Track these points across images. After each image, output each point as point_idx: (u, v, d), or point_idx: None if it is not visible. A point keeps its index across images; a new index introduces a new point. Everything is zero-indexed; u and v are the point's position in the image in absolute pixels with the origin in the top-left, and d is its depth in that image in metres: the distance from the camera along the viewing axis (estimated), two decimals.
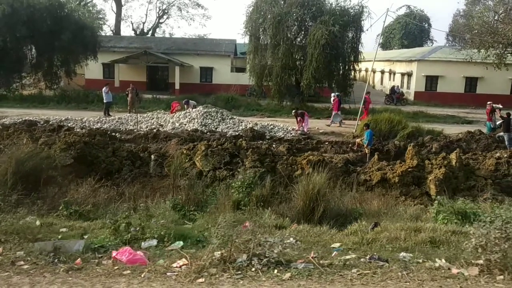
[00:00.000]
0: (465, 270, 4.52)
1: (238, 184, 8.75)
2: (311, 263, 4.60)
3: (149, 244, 5.44)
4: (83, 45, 30.39)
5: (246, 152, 13.55)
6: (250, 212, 7.97)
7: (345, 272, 4.47)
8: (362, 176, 13.55)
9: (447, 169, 13.35)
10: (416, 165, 13.67)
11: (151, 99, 30.48)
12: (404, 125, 21.20)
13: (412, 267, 4.68)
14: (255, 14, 29.17)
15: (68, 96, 29.37)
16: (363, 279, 4.27)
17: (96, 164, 13.23)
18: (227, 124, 21.95)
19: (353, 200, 9.98)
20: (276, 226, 7.04)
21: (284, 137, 21.13)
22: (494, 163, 14.71)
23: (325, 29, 25.63)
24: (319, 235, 6.43)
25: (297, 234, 6.45)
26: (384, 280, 4.26)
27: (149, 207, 8.48)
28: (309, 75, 26.47)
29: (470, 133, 20.55)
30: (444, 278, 4.32)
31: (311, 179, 8.57)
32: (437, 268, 4.62)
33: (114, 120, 22.34)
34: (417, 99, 39.36)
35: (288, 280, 4.13)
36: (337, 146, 20.03)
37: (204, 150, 13.34)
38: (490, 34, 30.29)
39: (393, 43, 65.05)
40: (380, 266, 4.67)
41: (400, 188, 13.10)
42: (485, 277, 4.35)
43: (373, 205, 9.50)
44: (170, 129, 21.25)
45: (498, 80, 37.48)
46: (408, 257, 5.05)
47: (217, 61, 40.25)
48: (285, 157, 13.86)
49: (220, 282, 4.05)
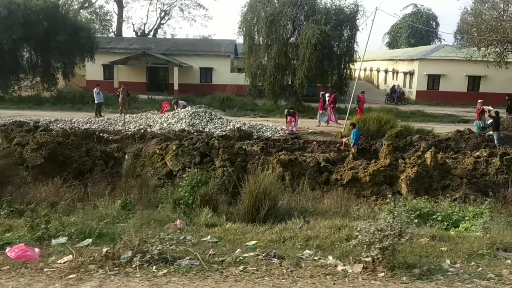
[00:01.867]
0: (350, 267, 4.43)
1: (185, 183, 8.72)
2: (198, 260, 4.55)
3: (59, 242, 5.44)
4: (79, 46, 30.70)
5: (217, 152, 13.52)
6: (192, 210, 7.96)
7: (230, 269, 4.42)
8: (333, 175, 13.41)
9: (420, 168, 13.17)
10: (389, 164, 13.51)
11: (147, 100, 30.60)
12: (393, 124, 20.97)
13: (303, 264, 4.60)
14: (249, 14, 29.19)
15: (64, 97, 29.66)
16: (241, 276, 4.21)
17: (68, 164, 13.31)
18: (215, 124, 21.96)
19: (307, 199, 9.85)
20: (208, 224, 6.99)
21: (271, 137, 21.06)
22: (473, 162, 14.48)
23: (317, 29, 25.50)
24: (244, 234, 6.38)
25: (223, 232, 6.40)
26: (262, 277, 4.20)
27: (97, 205, 8.49)
28: (302, 75, 26.38)
29: (460, 132, 20.26)
30: (324, 275, 4.25)
31: (258, 178, 8.50)
32: (326, 265, 4.54)
33: (103, 120, 22.50)
34: (419, 98, 38.97)
35: (161, 276, 4.10)
36: (324, 146, 19.91)
37: (175, 150, 13.35)
38: (490, 31, 29.86)
39: (399, 42, 64.41)
40: (270, 263, 4.60)
41: (371, 187, 12.96)
42: (366, 274, 4.26)
43: (325, 204, 9.39)
44: (157, 129, 21.32)
45: (501, 79, 36.90)
46: (307, 254, 4.97)
47: (217, 62, 40.33)
48: (257, 157, 13.79)
49: (89, 278, 4.03)
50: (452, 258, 5.14)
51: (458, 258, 5.16)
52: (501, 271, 4.55)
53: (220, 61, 40.34)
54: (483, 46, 30.37)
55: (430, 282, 4.19)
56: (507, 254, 5.26)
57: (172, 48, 41.08)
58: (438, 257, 5.21)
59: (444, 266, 4.79)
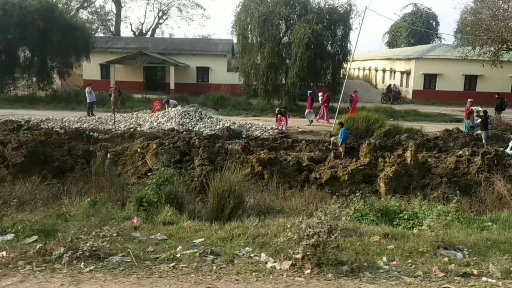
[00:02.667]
0: (279, 264, 4.46)
1: (152, 181, 8.76)
2: (130, 257, 4.60)
3: (5, 238, 5.49)
4: (74, 46, 30.84)
5: (198, 151, 13.57)
6: (156, 209, 8.01)
7: (160, 266, 4.48)
8: (312, 174, 13.43)
9: (400, 167, 13.18)
10: (368, 162, 13.52)
11: (141, 99, 30.70)
12: (381, 123, 20.95)
13: (236, 261, 4.64)
14: (242, 14, 29.22)
15: (59, 96, 29.82)
16: (167, 273, 4.27)
17: (49, 163, 13.38)
18: (205, 123, 22.02)
19: (278, 198, 9.88)
20: (166, 222, 7.04)
21: (260, 136, 21.10)
22: (455, 161, 14.46)
23: (309, 28, 25.50)
24: (198, 231, 6.42)
25: (177, 230, 6.45)
26: (188, 274, 4.25)
27: (66, 204, 8.54)
28: (294, 74, 26.39)
29: (448, 131, 20.24)
30: (251, 272, 4.29)
31: (224, 177, 8.54)
32: (257, 262, 4.58)
33: (94, 119, 22.61)
34: (415, 97, 38.92)
35: (86, 273, 4.15)
36: (312, 145, 19.94)
37: (155, 149, 13.41)
38: (484, 31, 29.74)
39: (399, 41, 64.25)
40: (203, 260, 4.65)
41: (349, 186, 12.97)
42: (293, 271, 4.30)
43: (293, 203, 9.42)
44: (147, 128, 21.40)
45: (498, 78, 36.82)
46: (244, 251, 5.01)
47: (213, 61, 40.43)
48: (237, 156, 13.83)
49: (13, 274, 4.09)
50: (393, 255, 5.17)
51: (399, 255, 5.19)
52: (432, 268, 4.57)
53: (217, 61, 40.43)
54: (478, 45, 30.27)
55: (355, 279, 4.22)
56: (446, 251, 5.27)
57: (169, 48, 41.20)
58: (380, 254, 5.23)
59: (380, 263, 4.82)
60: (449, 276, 4.43)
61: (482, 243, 5.81)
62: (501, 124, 20.98)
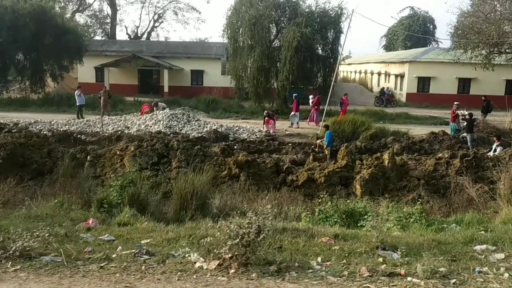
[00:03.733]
0: (207, 263, 4.50)
1: (116, 183, 8.81)
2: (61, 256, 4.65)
3: None
4: (66, 49, 30.95)
5: (176, 153, 13.63)
6: (117, 210, 8.06)
7: (90, 266, 4.53)
8: (289, 176, 13.47)
9: (376, 170, 13.22)
10: (345, 165, 13.56)
11: (133, 102, 30.79)
12: (368, 126, 20.97)
13: (167, 261, 4.69)
14: (233, 17, 29.32)
15: (51, 99, 29.95)
16: (93, 272, 4.32)
17: (28, 165, 13.47)
18: (192, 126, 22.08)
19: (244, 199, 9.92)
20: (121, 223, 7.08)
21: (247, 138, 21.15)
22: (434, 164, 14.48)
23: (298, 31, 25.57)
24: (150, 232, 6.47)
25: (129, 232, 6.50)
26: (114, 273, 4.30)
27: (27, 205, 8.60)
28: (283, 77, 26.45)
29: (434, 134, 20.26)
30: (176, 271, 4.33)
31: (188, 178, 8.60)
32: (188, 262, 4.62)
33: (82, 122, 22.69)
34: (409, 100, 38.89)
35: (11, 272, 4.20)
36: (298, 148, 19.99)
37: (133, 151, 13.47)
38: (475, 34, 29.76)
39: (396, 44, 64.25)
40: (136, 260, 4.70)
41: (326, 188, 12.99)
42: (219, 271, 4.34)
43: (259, 204, 9.43)
44: (135, 131, 21.46)
45: (491, 81, 36.79)
46: (180, 252, 5.06)
47: (207, 64, 40.52)
48: (215, 158, 13.89)
49: None
50: (331, 256, 5.20)
51: (337, 256, 5.22)
52: (360, 268, 4.61)
53: (211, 64, 40.52)
54: (470, 49, 30.28)
55: (278, 278, 4.27)
56: (383, 252, 5.31)
57: (163, 51, 41.34)
58: (318, 255, 5.26)
59: (313, 263, 4.85)
60: (374, 276, 4.47)
61: (427, 244, 5.84)
62: (487, 127, 20.98)
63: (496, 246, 5.73)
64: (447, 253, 5.37)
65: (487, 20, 29.54)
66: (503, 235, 6.20)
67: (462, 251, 5.49)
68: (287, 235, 6.23)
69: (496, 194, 9.59)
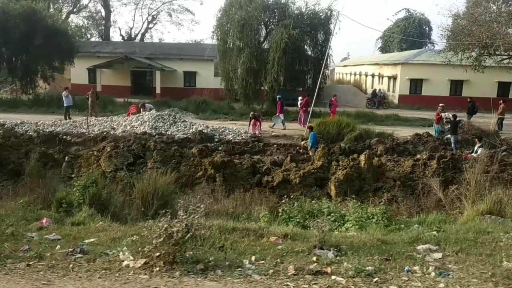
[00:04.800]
0: (134, 262, 4.52)
1: (79, 183, 8.84)
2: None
3: None
4: (57, 50, 31.00)
5: (152, 154, 13.66)
6: (77, 210, 8.09)
7: (18, 264, 4.55)
8: (265, 177, 13.50)
9: (352, 171, 13.25)
10: (321, 166, 13.58)
11: (123, 103, 30.82)
12: (352, 127, 20.98)
13: (98, 259, 4.71)
14: (223, 18, 29.38)
15: (41, 100, 30.00)
16: (16, 270, 4.34)
17: (4, 165, 13.51)
18: (178, 127, 22.09)
19: (209, 199, 9.94)
20: (75, 223, 7.11)
21: (232, 139, 21.16)
22: (411, 165, 14.50)
23: (285, 33, 25.62)
24: (101, 231, 6.49)
25: (80, 231, 6.52)
26: (37, 272, 4.32)
27: None
28: (272, 79, 26.49)
29: (418, 136, 20.27)
30: (101, 270, 4.36)
31: (150, 179, 8.63)
32: (117, 260, 4.64)
33: (68, 123, 22.71)
34: (401, 102, 38.93)
35: None
36: (283, 149, 20.01)
37: (109, 151, 13.49)
38: (465, 36, 29.79)
39: (392, 46, 64.30)
40: (66, 259, 4.72)
41: (301, 189, 13.03)
42: (144, 269, 4.36)
43: (223, 205, 9.47)
44: (120, 132, 21.47)
45: (484, 83, 36.82)
46: (114, 251, 5.08)
47: (200, 66, 40.58)
48: (192, 159, 13.91)
49: None
50: (267, 255, 5.21)
51: (274, 255, 5.24)
52: (288, 266, 4.63)
53: (204, 65, 40.60)
54: (460, 51, 30.30)
55: (200, 277, 4.29)
56: (320, 251, 5.33)
57: (156, 52, 41.41)
58: (256, 253, 5.28)
59: (245, 262, 4.87)
60: (299, 274, 4.49)
61: (370, 244, 5.86)
62: (472, 129, 20.97)
63: (438, 246, 5.74)
64: (385, 253, 5.38)
65: (477, 22, 29.60)
66: (450, 235, 6.22)
67: (401, 250, 5.50)
68: (236, 235, 6.25)
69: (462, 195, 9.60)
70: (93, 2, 51.54)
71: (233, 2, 28.89)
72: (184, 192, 11.86)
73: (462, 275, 4.50)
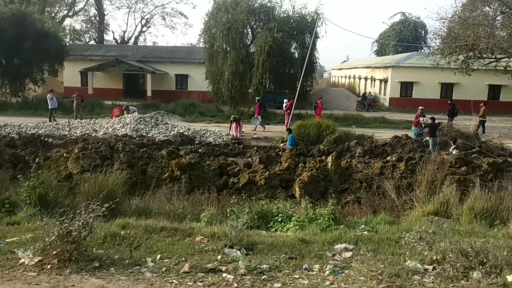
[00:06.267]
0: (30, 259, 4.58)
1: (27, 183, 8.90)
2: None
3: None
4: (46, 53, 31.19)
5: (119, 155, 13.72)
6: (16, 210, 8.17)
7: None
8: (231, 179, 13.54)
9: (318, 172, 13.27)
10: (287, 167, 13.61)
11: (112, 106, 30.94)
12: (332, 130, 21.02)
13: (7, 257, 4.77)
14: (210, 22, 29.52)
15: (30, 103, 30.19)
16: None
17: None
18: (159, 129, 22.20)
19: (160, 202, 10.00)
20: (10, 223, 7.17)
21: (213, 142, 21.25)
22: (380, 167, 14.51)
23: (270, 36, 25.71)
24: (31, 231, 6.54)
25: (10, 230, 6.59)
26: None
27: None
28: (257, 81, 26.57)
29: (397, 138, 20.29)
30: None
31: (97, 180, 8.70)
32: (15, 258, 4.70)
33: (51, 125, 22.85)
34: (392, 105, 38.97)
35: None
36: (263, 151, 20.04)
37: (76, 153, 13.56)
38: (452, 39, 29.80)
39: (388, 50, 64.31)
40: None
41: (266, 190, 13.05)
42: (34, 266, 4.41)
43: (171, 206, 9.53)
44: (102, 134, 21.60)
45: (474, 86, 36.84)
46: (23, 249, 5.14)
47: (192, 69, 40.70)
48: (159, 160, 13.98)
49: None
50: (174, 254, 5.26)
51: (181, 254, 5.29)
52: (185, 264, 4.68)
53: (196, 68, 40.66)
54: (448, 54, 30.31)
55: (89, 274, 4.32)
56: (229, 250, 5.39)
57: (148, 56, 41.61)
58: (163, 253, 5.33)
59: (148, 261, 4.92)
60: (192, 272, 4.54)
61: (289, 243, 5.90)
62: (451, 131, 20.98)
63: (356, 245, 5.78)
64: (298, 252, 5.42)
65: (464, 25, 29.60)
66: (374, 235, 6.27)
67: (315, 250, 5.54)
68: (162, 235, 6.30)
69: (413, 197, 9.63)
70: (88, 6, 51.87)
71: (220, 6, 29.03)
72: (144, 194, 11.94)
73: (353, 273, 4.53)
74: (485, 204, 8.27)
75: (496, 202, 8.33)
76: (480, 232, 6.67)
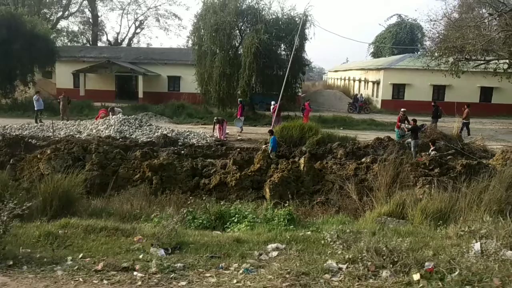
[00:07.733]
0: None
1: None
2: None
3: None
4: (36, 55, 31.25)
5: (92, 156, 13.75)
6: None
7: None
8: (202, 180, 13.55)
9: (290, 173, 13.30)
10: (259, 168, 13.63)
11: (101, 107, 30.96)
12: (315, 131, 21.00)
13: None
14: (199, 23, 29.57)
15: (19, 104, 30.26)
16: None
17: None
18: (143, 131, 22.21)
19: (118, 202, 10.02)
20: None
21: (196, 143, 21.25)
22: (354, 168, 14.51)
23: (256, 37, 25.74)
24: None
25: None
26: None
27: None
28: (244, 83, 26.59)
29: (379, 140, 20.26)
30: None
31: (53, 180, 8.72)
32: None
33: (36, 127, 22.89)
34: (384, 107, 38.92)
35: None
36: (245, 153, 20.02)
37: (49, 154, 13.60)
38: (441, 41, 29.83)
39: (384, 52, 64.26)
40: None
41: (237, 191, 13.07)
42: None
43: (132, 207, 9.54)
44: (85, 135, 21.62)
45: (466, 88, 36.80)
46: None
47: (184, 70, 40.61)
48: (132, 162, 14.01)
49: None
50: (100, 253, 5.28)
51: (113, 253, 5.31)
52: (99, 263, 4.69)
53: (188, 70, 40.45)
54: (438, 56, 30.35)
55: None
56: (154, 249, 5.40)
57: (140, 57, 41.66)
58: (88, 252, 5.34)
59: (68, 259, 4.93)
60: (104, 270, 4.55)
61: (227, 243, 5.91)
62: (434, 133, 20.96)
63: (287, 244, 5.78)
64: (224, 251, 5.43)
65: (454, 28, 29.61)
66: (310, 236, 6.28)
67: (244, 249, 5.55)
68: (101, 234, 6.31)
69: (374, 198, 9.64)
70: (83, 8, 51.98)
71: (209, 7, 29.07)
72: (115, 194, 11.97)
73: (263, 272, 4.54)
74: (438, 205, 8.28)
75: (450, 203, 8.32)
76: (422, 233, 6.67)
